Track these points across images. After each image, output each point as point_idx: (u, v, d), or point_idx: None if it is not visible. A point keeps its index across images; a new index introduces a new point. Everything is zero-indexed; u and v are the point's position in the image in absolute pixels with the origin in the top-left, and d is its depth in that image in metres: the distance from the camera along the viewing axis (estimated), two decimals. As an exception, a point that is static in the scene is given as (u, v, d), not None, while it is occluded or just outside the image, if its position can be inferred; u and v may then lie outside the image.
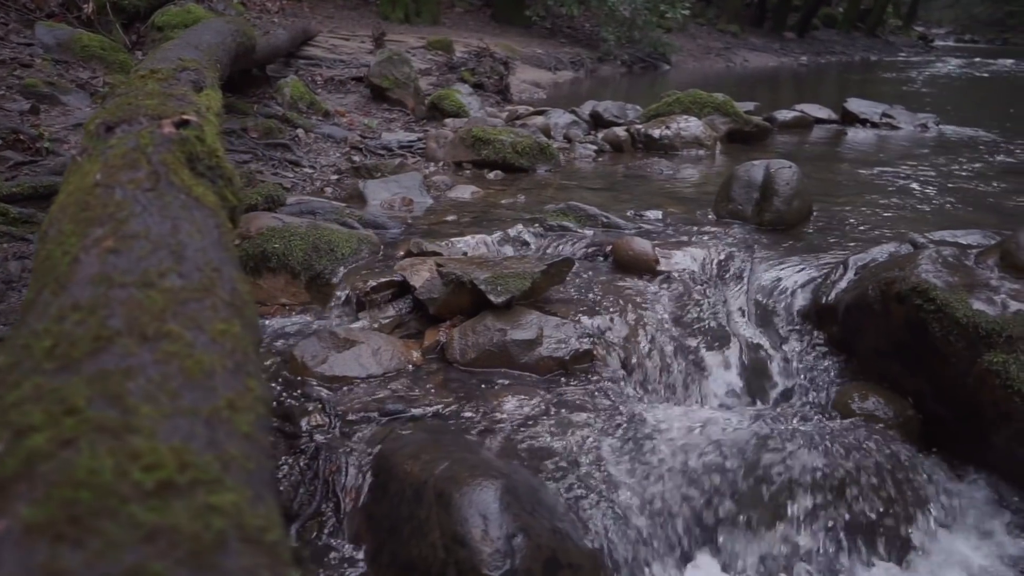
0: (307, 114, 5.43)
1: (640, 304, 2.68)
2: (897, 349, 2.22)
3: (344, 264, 2.81)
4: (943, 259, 2.24)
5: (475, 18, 15.50)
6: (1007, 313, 1.99)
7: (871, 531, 1.89)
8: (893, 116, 6.98)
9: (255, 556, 0.59)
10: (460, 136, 4.67)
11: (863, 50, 25.17)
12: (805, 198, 3.54)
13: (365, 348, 2.36)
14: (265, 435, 0.81)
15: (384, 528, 1.71)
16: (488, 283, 2.44)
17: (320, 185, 4.04)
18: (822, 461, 1.93)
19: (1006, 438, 1.93)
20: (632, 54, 15.24)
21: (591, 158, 5.12)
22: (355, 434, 2.01)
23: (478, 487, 1.59)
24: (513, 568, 1.49)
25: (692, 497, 1.87)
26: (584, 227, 3.37)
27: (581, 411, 2.15)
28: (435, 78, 7.56)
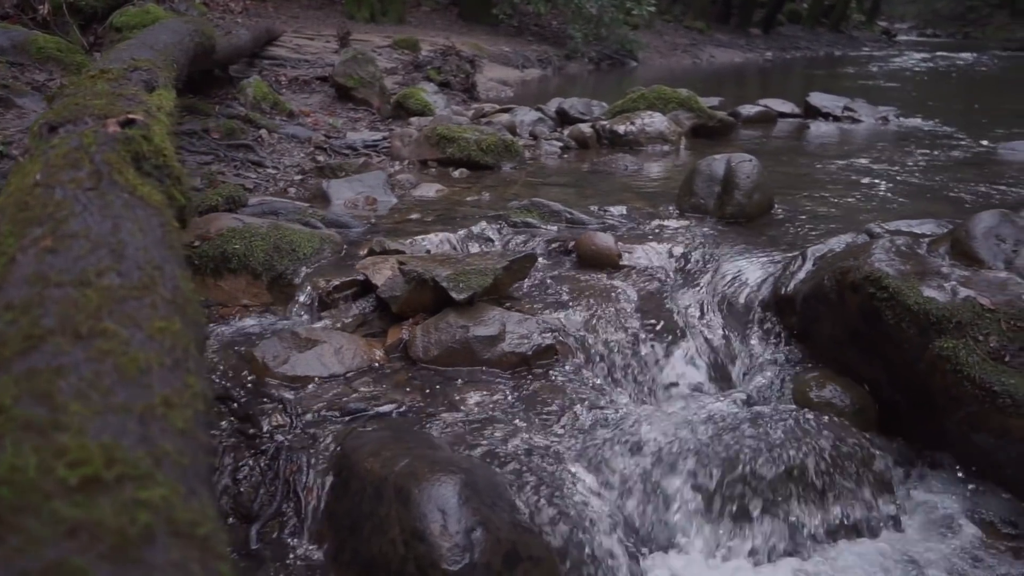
0: (271, 114, 5.39)
1: (603, 298, 2.70)
2: (853, 337, 2.25)
3: (306, 264, 2.80)
4: (896, 248, 2.28)
5: (442, 17, 15.46)
6: (956, 300, 2.03)
7: (828, 517, 1.92)
8: (854, 110, 7.08)
9: (184, 549, 0.59)
10: (425, 134, 4.66)
11: (827, 45, 25.48)
12: (766, 191, 3.58)
13: (327, 347, 2.35)
14: (204, 431, 0.80)
15: (345, 526, 1.71)
16: (450, 280, 2.44)
17: (283, 185, 4.01)
18: (781, 449, 1.96)
19: (958, 422, 1.97)
20: (599, 51, 15.30)
21: (557, 155, 5.14)
22: (316, 433, 2.00)
23: (437, 482, 1.60)
24: (472, 562, 1.50)
25: (653, 487, 1.89)
26: (548, 223, 3.39)
27: (543, 405, 2.17)
28: (401, 77, 7.54)
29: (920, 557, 1.86)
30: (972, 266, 2.17)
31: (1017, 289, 2.05)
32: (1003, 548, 1.88)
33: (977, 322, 1.98)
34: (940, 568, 1.82)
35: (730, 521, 1.83)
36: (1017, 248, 2.19)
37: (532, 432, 2.02)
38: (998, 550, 1.87)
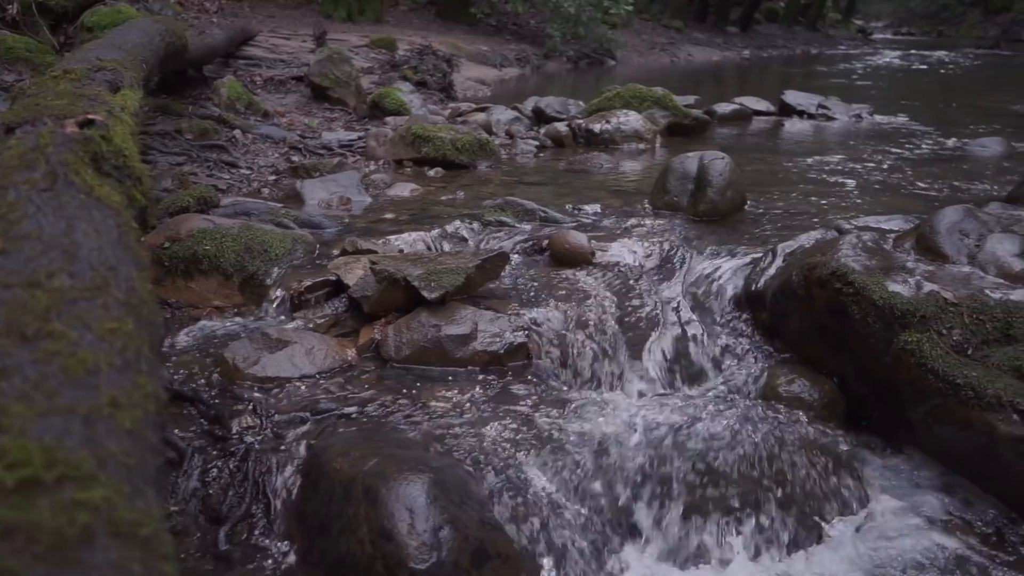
0: (245, 115, 5.36)
1: (576, 296, 2.70)
2: (821, 332, 2.28)
3: (278, 264, 2.78)
4: (863, 244, 2.30)
5: (420, 16, 15.43)
6: (921, 294, 2.06)
7: (797, 509, 1.94)
8: (828, 107, 7.14)
9: (125, 550, 0.59)
10: (400, 134, 4.65)
11: (804, 44, 25.68)
12: (738, 188, 3.60)
13: (298, 348, 2.34)
14: (154, 431, 0.80)
15: (314, 526, 1.70)
16: (421, 279, 2.44)
17: (257, 186, 3.99)
18: (750, 443, 1.98)
19: (923, 415, 2.00)
20: (578, 50, 15.33)
21: (532, 154, 5.15)
22: (287, 434, 1.99)
23: (405, 482, 1.60)
24: (440, 560, 1.50)
25: (624, 483, 1.90)
26: (522, 222, 3.39)
27: (514, 403, 2.17)
28: (377, 76, 7.52)
29: (887, 548, 1.88)
30: (936, 261, 2.20)
31: (980, 283, 2.09)
32: (967, 537, 1.90)
33: (941, 316, 2.00)
34: (906, 559, 1.85)
35: (697, 516, 1.85)
36: (980, 242, 2.22)
37: (503, 430, 2.02)
38: (962, 540, 1.90)
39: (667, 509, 1.85)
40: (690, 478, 1.90)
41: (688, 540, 1.83)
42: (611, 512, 1.85)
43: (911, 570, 1.80)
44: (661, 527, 1.84)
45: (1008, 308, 1.99)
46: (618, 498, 1.87)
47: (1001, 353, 1.93)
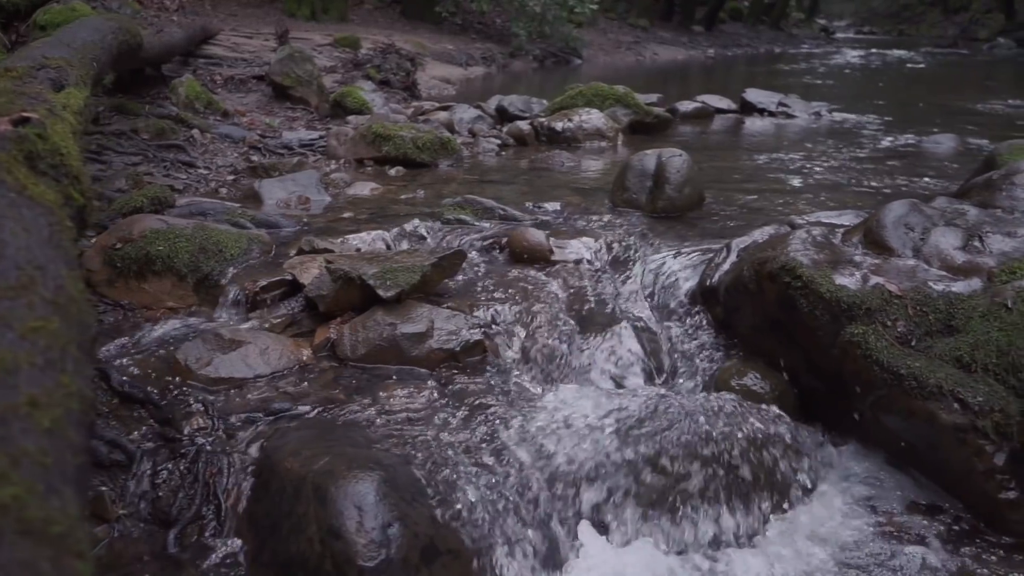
0: (204, 114, 5.30)
1: (533, 293, 2.71)
2: (771, 326, 2.31)
3: (234, 265, 2.76)
4: (812, 239, 2.34)
5: (385, 15, 15.35)
6: (867, 287, 2.10)
7: (748, 502, 1.96)
8: (788, 105, 7.24)
9: (35, 548, 0.59)
10: (361, 133, 4.63)
11: (768, 42, 25.97)
12: (696, 185, 3.64)
13: (252, 348, 2.33)
14: (78, 430, 0.79)
15: (265, 527, 1.70)
16: (377, 278, 2.43)
17: (215, 186, 3.95)
18: (701, 436, 2.00)
19: (869, 405, 2.04)
20: (544, 49, 15.35)
21: (495, 152, 5.15)
22: (239, 435, 1.98)
23: (354, 480, 1.60)
24: (389, 557, 1.50)
25: (577, 477, 1.91)
26: (481, 220, 3.40)
27: (470, 401, 2.17)
28: (340, 75, 7.47)
29: (833, 538, 1.92)
30: (883, 254, 2.24)
31: (924, 276, 2.13)
32: (911, 526, 1.95)
33: (885, 308, 2.04)
34: (851, 549, 1.88)
35: (647, 508, 1.87)
36: (925, 236, 2.27)
37: (458, 427, 2.03)
38: (907, 528, 1.94)
39: (618, 502, 1.87)
40: (641, 472, 1.91)
41: (638, 532, 1.85)
42: (563, 506, 1.87)
43: (856, 559, 1.84)
44: (612, 520, 1.85)
45: (950, 300, 2.03)
46: (571, 492, 1.88)
47: (943, 344, 1.97)
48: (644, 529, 1.85)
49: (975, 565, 1.81)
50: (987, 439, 1.82)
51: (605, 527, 1.85)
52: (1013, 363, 1.87)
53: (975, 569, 1.80)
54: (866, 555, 1.85)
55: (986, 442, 1.82)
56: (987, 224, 2.30)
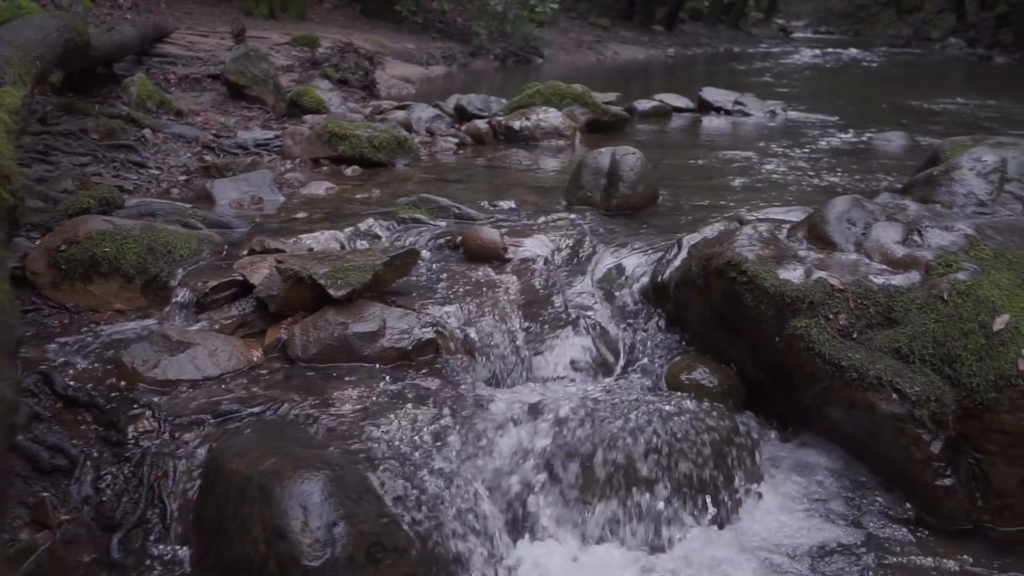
0: (157, 114, 5.22)
1: (487, 291, 2.72)
2: (719, 321, 2.35)
3: (183, 266, 2.73)
4: (758, 235, 2.38)
5: (344, 13, 15.23)
6: (810, 281, 2.14)
7: (696, 494, 1.99)
8: (744, 104, 7.33)
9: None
10: (316, 132, 4.60)
11: (727, 42, 26.26)
12: (650, 183, 3.68)
13: (201, 350, 2.30)
14: None
15: (210, 529, 1.68)
16: (327, 277, 2.42)
17: (167, 186, 3.90)
18: (650, 431, 2.02)
19: (813, 397, 2.08)
20: (505, 48, 15.36)
21: (452, 151, 5.15)
22: (186, 437, 1.96)
23: (299, 479, 1.59)
24: (334, 556, 1.50)
25: (526, 473, 1.93)
26: (436, 219, 3.40)
27: (421, 399, 2.17)
28: (298, 75, 7.41)
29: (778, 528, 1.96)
30: (826, 249, 2.28)
31: (865, 269, 2.18)
32: (855, 512, 1.99)
33: (828, 302, 2.09)
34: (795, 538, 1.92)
35: (596, 504, 1.88)
36: (867, 231, 2.32)
37: (408, 426, 2.03)
38: (850, 515, 1.98)
39: (567, 498, 1.89)
40: (591, 468, 1.93)
41: (586, 528, 1.87)
42: (512, 501, 1.88)
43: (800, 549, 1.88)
44: (560, 516, 1.87)
45: (890, 293, 2.08)
46: (520, 488, 1.90)
47: (883, 336, 2.02)
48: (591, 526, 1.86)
49: (913, 550, 1.86)
50: (924, 428, 1.87)
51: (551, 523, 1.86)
52: (948, 354, 1.92)
53: (913, 554, 1.85)
54: (809, 543, 1.89)
55: (923, 431, 1.87)
56: (926, 219, 2.35)
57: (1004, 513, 1.89)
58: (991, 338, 1.89)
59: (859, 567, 1.82)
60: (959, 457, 1.90)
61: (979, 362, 1.88)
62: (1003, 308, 1.93)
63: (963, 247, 2.17)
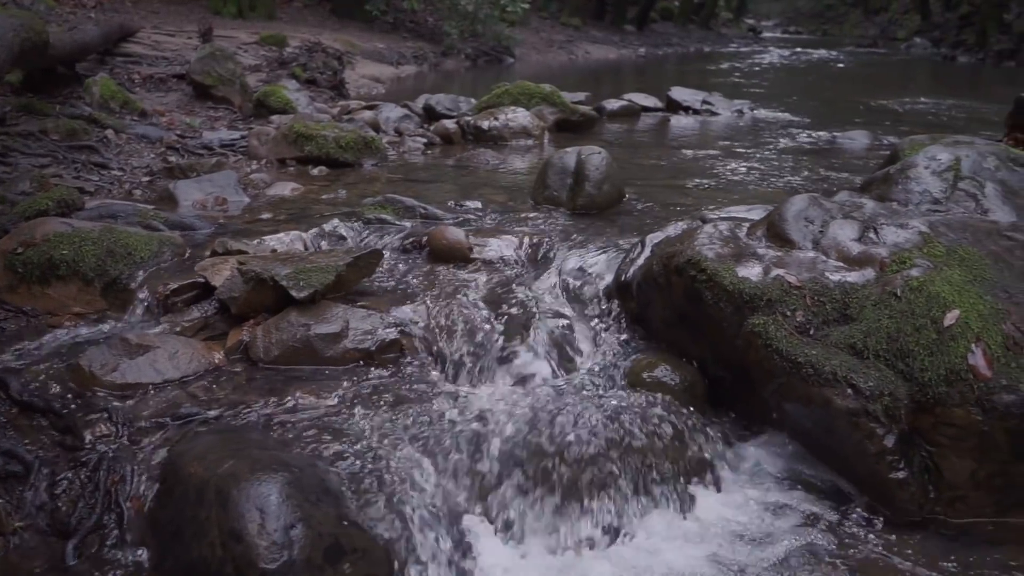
0: (120, 114, 5.15)
1: (451, 291, 2.72)
2: (680, 319, 2.37)
3: (144, 268, 2.70)
4: (718, 233, 2.40)
5: (314, 13, 15.13)
6: (768, 279, 2.17)
7: (656, 490, 2.01)
8: (712, 103, 7.39)
9: None
10: (282, 132, 4.57)
11: (697, 42, 26.47)
12: (616, 182, 3.70)
13: (161, 352, 2.28)
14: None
15: (168, 533, 1.67)
16: (290, 278, 2.41)
17: (129, 188, 3.85)
18: (611, 430, 2.04)
19: (771, 393, 2.11)
20: (476, 48, 15.36)
21: (421, 151, 5.14)
22: (144, 441, 1.94)
23: (257, 482, 1.58)
24: (291, 559, 1.50)
25: (486, 474, 1.93)
26: (402, 219, 3.39)
27: (384, 400, 2.17)
28: (265, 74, 7.35)
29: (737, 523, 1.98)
30: (784, 247, 2.31)
31: (822, 267, 2.21)
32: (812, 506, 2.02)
33: (785, 299, 2.11)
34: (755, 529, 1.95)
35: (556, 503, 1.89)
36: (824, 229, 2.35)
37: (370, 427, 2.02)
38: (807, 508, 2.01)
39: (528, 497, 1.89)
40: (552, 467, 1.94)
41: (546, 527, 1.88)
42: (473, 502, 1.88)
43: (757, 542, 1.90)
44: (521, 515, 1.88)
45: (846, 290, 2.12)
46: (480, 488, 1.90)
47: (839, 332, 2.05)
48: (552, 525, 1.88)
49: (868, 542, 1.90)
50: (878, 422, 1.90)
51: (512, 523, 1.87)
52: (901, 349, 1.95)
53: (868, 546, 1.89)
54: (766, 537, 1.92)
55: (877, 425, 1.90)
56: (882, 216, 2.39)
57: (956, 505, 1.92)
58: (942, 333, 1.93)
59: (815, 559, 1.84)
60: (912, 450, 1.93)
61: (931, 357, 1.92)
62: (953, 304, 1.96)
63: (917, 244, 2.21)
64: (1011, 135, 4.34)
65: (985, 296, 2.01)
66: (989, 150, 2.73)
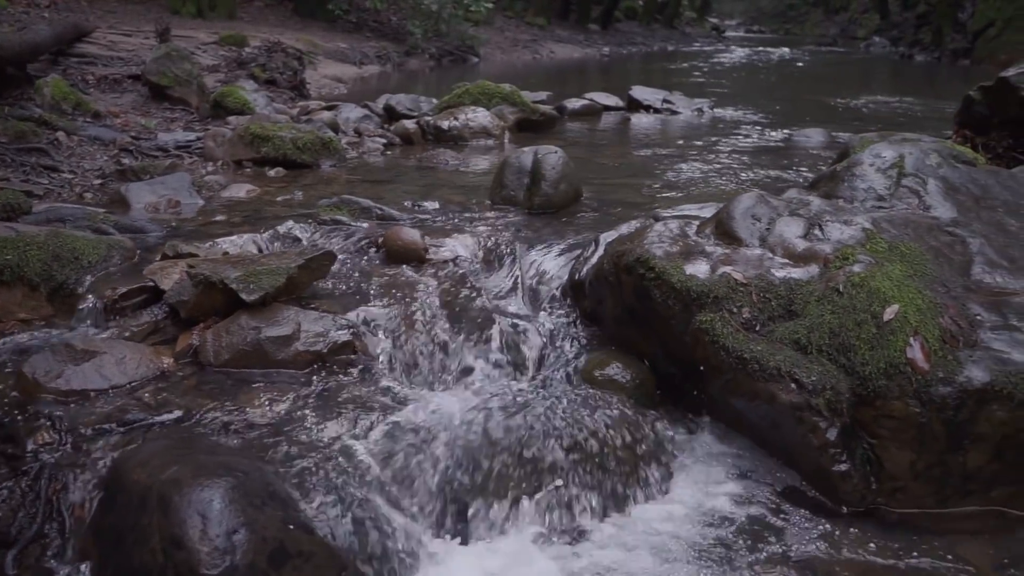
0: (73, 115, 5.06)
1: (406, 292, 2.72)
2: (631, 317, 2.39)
3: (91, 272, 2.66)
4: (668, 231, 2.43)
5: (276, 12, 14.99)
6: (715, 276, 2.19)
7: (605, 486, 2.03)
8: (672, 102, 7.46)
9: None
10: (239, 134, 4.53)
11: (661, 41, 26.67)
12: (572, 181, 3.71)
13: (108, 358, 2.25)
14: None
15: (110, 541, 1.65)
16: (239, 281, 2.39)
17: (80, 191, 3.79)
18: (565, 428, 2.05)
19: (719, 389, 2.14)
20: (440, 47, 15.32)
21: (380, 151, 5.12)
22: (88, 448, 1.91)
23: (199, 487, 1.57)
24: (234, 564, 1.49)
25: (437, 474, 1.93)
26: (358, 220, 3.37)
27: (335, 401, 2.16)
28: (224, 75, 7.26)
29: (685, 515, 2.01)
30: (732, 245, 2.34)
31: (768, 264, 2.24)
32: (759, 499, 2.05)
33: (732, 296, 2.14)
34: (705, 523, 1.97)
35: (510, 504, 1.90)
36: (771, 226, 2.39)
37: (320, 429, 2.02)
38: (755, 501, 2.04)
39: (479, 497, 1.90)
40: (503, 466, 1.95)
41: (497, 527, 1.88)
42: (422, 503, 1.88)
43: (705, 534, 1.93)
44: (471, 516, 1.88)
45: (791, 286, 2.15)
46: (430, 489, 1.90)
47: (783, 328, 2.08)
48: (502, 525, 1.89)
49: (813, 533, 1.93)
50: (821, 416, 1.93)
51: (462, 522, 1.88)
52: (843, 344, 1.99)
53: (813, 536, 1.92)
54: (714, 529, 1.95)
55: (820, 419, 1.93)
56: (828, 213, 2.43)
57: (897, 495, 1.97)
58: (882, 328, 1.97)
59: (761, 550, 1.88)
60: (854, 443, 1.97)
61: (871, 351, 1.96)
62: (893, 299, 2.01)
63: (860, 241, 2.25)
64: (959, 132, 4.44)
65: (924, 291, 2.06)
66: (932, 148, 2.79)
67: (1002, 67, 4.18)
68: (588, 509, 2.00)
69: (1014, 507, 1.96)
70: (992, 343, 1.95)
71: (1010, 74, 3.63)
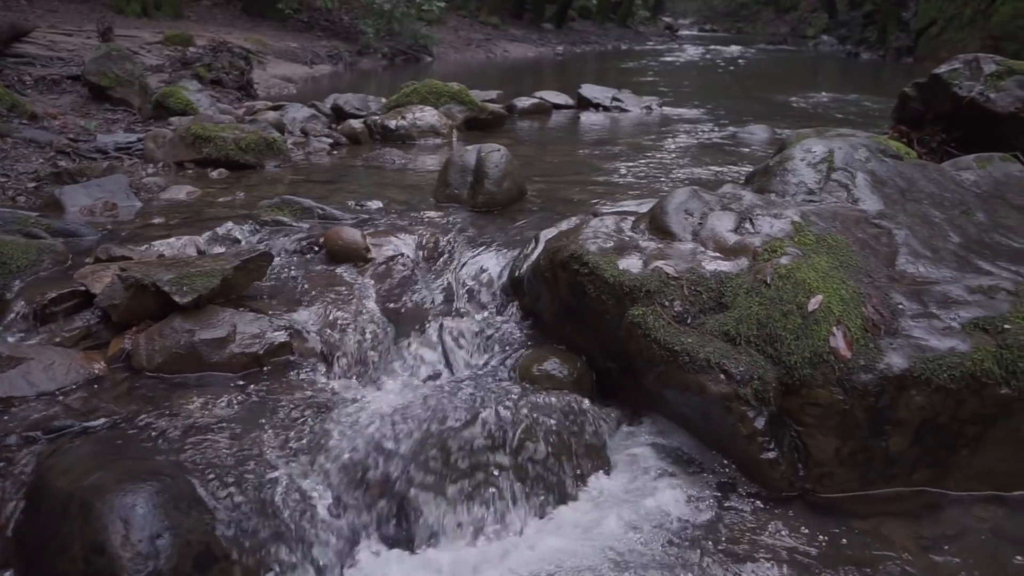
0: (8, 117, 4.93)
1: (346, 292, 2.71)
2: (567, 312, 2.41)
3: (20, 277, 2.61)
4: (604, 227, 2.46)
5: (224, 11, 14.77)
6: (647, 271, 2.22)
7: (544, 481, 2.04)
8: (621, 100, 7.52)
9: None
10: (180, 135, 4.46)
11: (615, 40, 26.85)
12: (516, 179, 3.73)
13: (35, 364, 2.20)
14: None
15: (32, 550, 1.62)
16: (172, 284, 2.36)
17: (13, 194, 3.70)
18: (503, 424, 2.06)
19: (653, 381, 2.16)
20: (393, 47, 15.24)
21: (326, 151, 5.08)
22: (12, 457, 1.87)
23: (122, 493, 1.55)
24: (157, 568, 1.47)
25: (371, 474, 1.93)
26: (300, 220, 3.35)
27: (270, 403, 2.15)
28: (168, 75, 7.14)
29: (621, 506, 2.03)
30: (665, 239, 2.38)
31: (700, 258, 2.28)
32: (693, 487, 2.09)
33: (664, 290, 2.18)
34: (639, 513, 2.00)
35: (447, 504, 1.91)
36: (703, 221, 2.43)
37: (253, 431, 2.00)
38: (687, 489, 2.08)
39: (414, 497, 1.90)
40: (441, 466, 1.95)
41: (433, 527, 1.89)
42: (356, 504, 1.88)
43: (640, 524, 1.96)
44: (406, 516, 1.88)
45: (721, 279, 2.19)
46: (365, 490, 1.90)
47: (714, 320, 2.12)
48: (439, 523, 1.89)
49: (745, 518, 1.97)
50: (749, 405, 1.97)
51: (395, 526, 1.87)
52: (770, 334, 2.03)
53: (745, 522, 1.96)
54: (648, 518, 1.97)
55: (748, 408, 1.97)
56: (759, 207, 2.48)
57: (824, 481, 2.02)
58: (806, 318, 2.02)
59: (695, 536, 1.91)
60: (782, 431, 2.02)
61: (796, 341, 2.01)
62: (817, 289, 2.06)
63: (788, 233, 2.30)
64: (896, 128, 4.56)
65: (848, 281, 2.11)
66: (861, 142, 2.86)
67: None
68: (523, 506, 2.01)
69: (935, 487, 2.03)
70: (912, 331, 2.01)
71: (942, 71, 3.73)
